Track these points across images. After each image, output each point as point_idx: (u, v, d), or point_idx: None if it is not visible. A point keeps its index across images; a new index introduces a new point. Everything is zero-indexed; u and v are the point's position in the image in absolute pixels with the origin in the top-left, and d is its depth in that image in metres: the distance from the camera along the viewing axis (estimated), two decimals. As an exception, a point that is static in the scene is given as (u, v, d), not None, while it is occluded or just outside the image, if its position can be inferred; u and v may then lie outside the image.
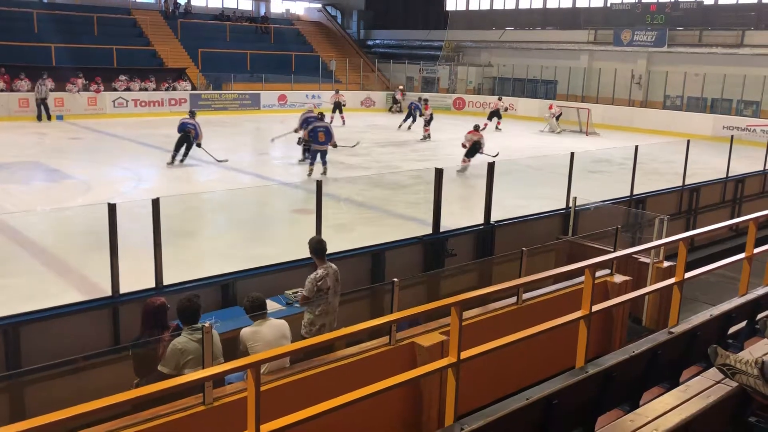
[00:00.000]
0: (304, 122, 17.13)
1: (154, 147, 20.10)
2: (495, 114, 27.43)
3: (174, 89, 29.03)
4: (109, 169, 16.57)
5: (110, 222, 6.53)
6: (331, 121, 22.00)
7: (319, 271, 6.42)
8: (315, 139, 15.65)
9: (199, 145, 17.02)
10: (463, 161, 17.25)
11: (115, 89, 27.42)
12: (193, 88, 30.01)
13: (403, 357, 5.83)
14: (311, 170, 15.57)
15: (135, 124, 24.82)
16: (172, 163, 16.63)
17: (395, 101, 33.29)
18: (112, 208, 6.52)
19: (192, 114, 17.92)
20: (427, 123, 23.73)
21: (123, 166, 16.89)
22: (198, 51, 31.99)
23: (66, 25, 29.67)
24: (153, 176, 16.55)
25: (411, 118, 25.90)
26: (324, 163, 15.63)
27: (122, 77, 27.73)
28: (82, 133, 22.43)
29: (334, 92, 28.98)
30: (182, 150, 16.81)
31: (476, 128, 17.98)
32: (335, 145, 16.15)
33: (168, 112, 28.00)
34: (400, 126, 26.10)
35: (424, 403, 5.84)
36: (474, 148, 17.44)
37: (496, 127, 26.77)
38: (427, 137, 23.40)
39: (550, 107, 28.33)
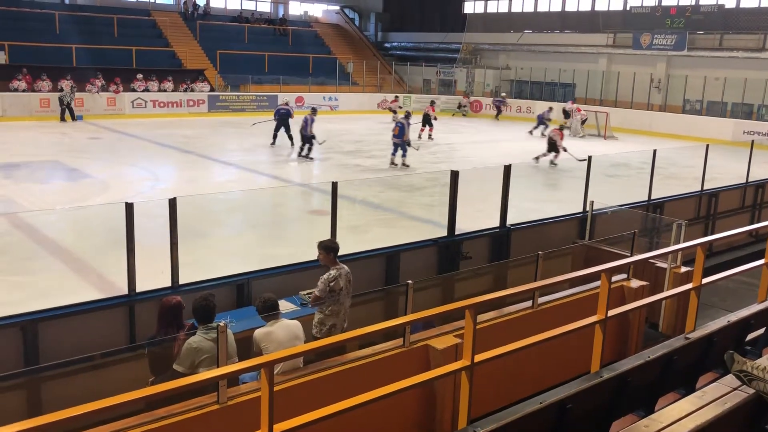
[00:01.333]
0: (276, 113, 20.79)
1: (172, 147, 20.27)
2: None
3: (192, 90, 29.24)
4: (127, 169, 16.72)
5: (127, 221, 6.58)
6: (420, 134, 23.51)
7: (332, 272, 6.45)
8: (393, 133, 17.79)
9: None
10: (544, 154, 18.82)
11: (134, 90, 27.67)
12: (212, 89, 30.21)
13: (416, 359, 5.82)
14: (392, 160, 17.49)
15: (153, 125, 25.04)
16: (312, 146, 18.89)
17: (461, 106, 33.55)
18: (129, 208, 6.58)
19: (314, 111, 19.66)
20: (425, 124, 23.86)
21: (141, 166, 17.03)
22: (216, 52, 32.21)
23: (86, 26, 30.00)
24: (170, 176, 16.69)
25: (542, 125, 26.10)
26: (403, 155, 17.53)
27: (139, 76, 27.97)
28: (101, 133, 22.66)
29: (428, 104, 26.48)
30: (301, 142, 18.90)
31: (560, 128, 19.76)
32: (409, 143, 17.64)
33: (186, 113, 28.22)
34: (531, 131, 26.33)
35: (437, 405, 5.83)
36: (550, 144, 18.97)
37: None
38: (426, 138, 23.48)
39: (578, 110, 28.00)
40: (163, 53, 31.88)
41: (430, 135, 23.71)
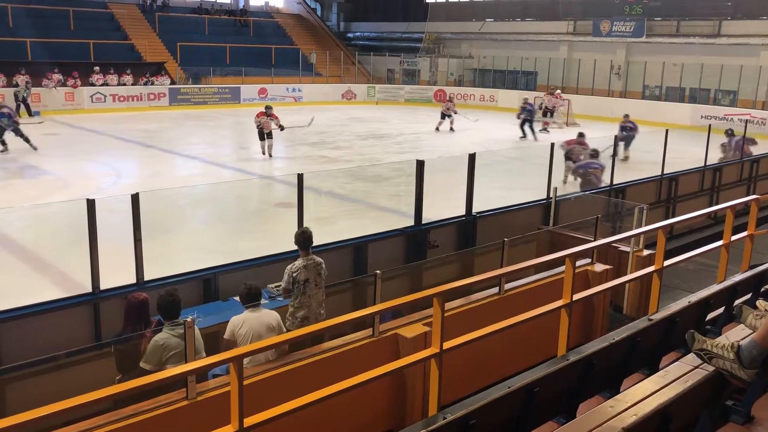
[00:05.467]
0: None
1: (134, 142, 19.94)
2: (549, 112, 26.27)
3: (152, 83, 28.77)
4: (87, 165, 16.40)
5: (89, 218, 6.46)
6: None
7: (297, 263, 6.42)
8: None
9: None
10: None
11: (92, 84, 27.11)
12: (172, 82, 29.76)
13: (386, 348, 5.85)
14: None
15: (113, 119, 24.59)
16: None
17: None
18: (91, 204, 6.46)
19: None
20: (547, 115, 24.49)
21: (102, 162, 16.73)
22: (176, 45, 31.71)
23: (41, 19, 29.21)
24: (133, 171, 16.43)
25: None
26: None
27: (96, 69, 27.39)
28: (60, 129, 22.17)
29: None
30: None
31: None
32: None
33: (147, 106, 27.76)
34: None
35: (407, 393, 5.87)
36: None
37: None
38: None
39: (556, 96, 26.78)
40: (122, 46, 31.28)
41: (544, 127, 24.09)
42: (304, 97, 32.47)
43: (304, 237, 6.55)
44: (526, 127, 22.77)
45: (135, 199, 6.71)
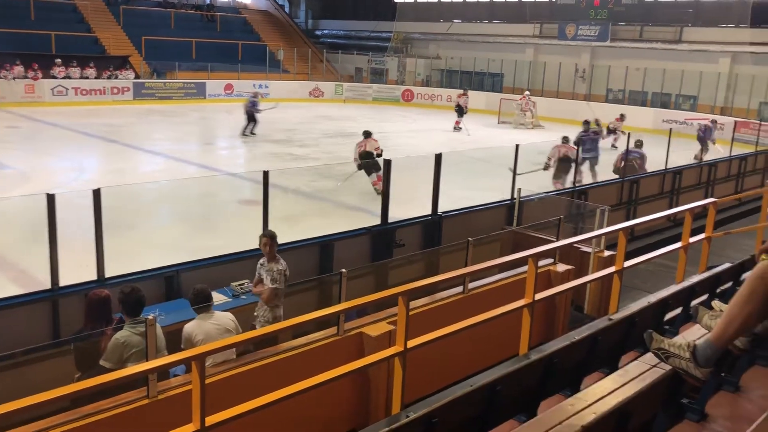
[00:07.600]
0: None
1: (96, 137, 19.58)
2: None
3: (116, 77, 28.28)
4: (48, 159, 16.06)
5: (49, 213, 6.33)
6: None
7: (283, 263, 6.41)
8: None
9: None
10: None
11: (53, 77, 26.53)
12: (137, 76, 29.30)
13: (351, 347, 5.85)
14: None
15: (75, 113, 24.11)
16: None
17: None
18: (51, 199, 6.33)
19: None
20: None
21: (63, 157, 16.41)
22: (141, 38, 31.21)
23: (1, 9, 28.51)
24: (95, 167, 16.14)
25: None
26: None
27: (57, 61, 26.80)
28: (19, 122, 21.66)
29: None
30: None
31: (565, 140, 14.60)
32: None
33: (110, 100, 27.28)
34: None
35: (371, 392, 5.88)
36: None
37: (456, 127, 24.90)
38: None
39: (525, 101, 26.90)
40: (85, 39, 30.68)
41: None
42: (271, 93, 32.22)
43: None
44: (249, 123, 20.91)
45: (96, 194, 6.61)
